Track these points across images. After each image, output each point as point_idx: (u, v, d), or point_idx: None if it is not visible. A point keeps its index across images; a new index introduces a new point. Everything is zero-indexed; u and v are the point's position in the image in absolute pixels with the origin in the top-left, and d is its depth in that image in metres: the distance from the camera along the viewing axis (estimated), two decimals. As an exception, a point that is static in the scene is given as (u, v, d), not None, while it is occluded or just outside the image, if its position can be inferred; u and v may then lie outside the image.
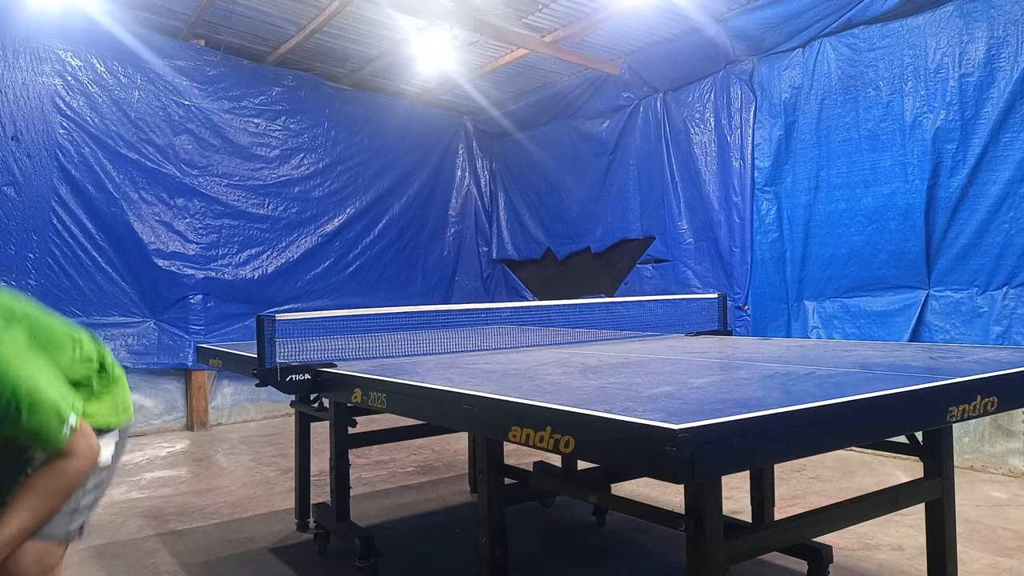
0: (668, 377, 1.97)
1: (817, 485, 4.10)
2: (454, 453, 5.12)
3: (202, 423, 6.40)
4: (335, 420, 3.05)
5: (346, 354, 2.89)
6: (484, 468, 2.18)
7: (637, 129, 6.78)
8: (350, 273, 7.50)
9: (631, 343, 3.30)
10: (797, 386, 1.75)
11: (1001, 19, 4.37)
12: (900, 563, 2.90)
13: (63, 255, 5.76)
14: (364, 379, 2.26)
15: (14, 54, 5.56)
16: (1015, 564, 2.87)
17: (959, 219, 4.62)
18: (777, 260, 5.62)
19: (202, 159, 6.48)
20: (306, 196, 7.16)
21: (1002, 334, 4.40)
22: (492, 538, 2.15)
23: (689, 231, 6.33)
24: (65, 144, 5.77)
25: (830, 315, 5.28)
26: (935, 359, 2.23)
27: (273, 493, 4.22)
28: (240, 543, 3.34)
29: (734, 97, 5.86)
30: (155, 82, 6.20)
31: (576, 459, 2.53)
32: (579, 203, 7.49)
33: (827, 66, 5.22)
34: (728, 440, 1.25)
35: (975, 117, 4.49)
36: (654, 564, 3.00)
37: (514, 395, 1.67)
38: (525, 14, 5.85)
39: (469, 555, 3.09)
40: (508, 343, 3.40)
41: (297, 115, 7.08)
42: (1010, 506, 3.65)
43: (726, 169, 5.93)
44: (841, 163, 5.17)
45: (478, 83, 7.41)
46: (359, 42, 6.54)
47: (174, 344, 6.21)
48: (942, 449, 2.20)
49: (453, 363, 2.59)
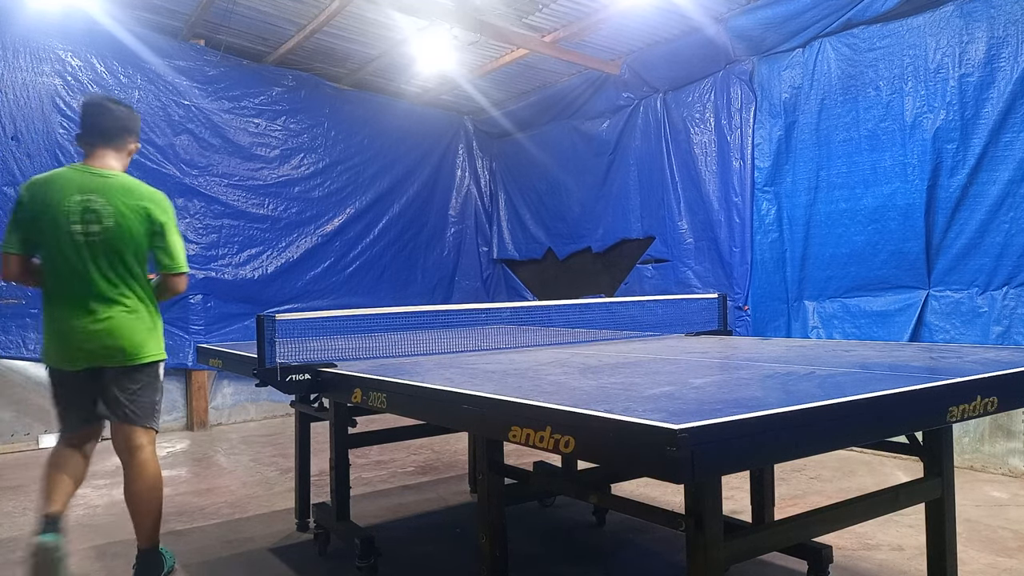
0: (668, 377, 1.97)
1: (817, 485, 4.10)
2: (454, 453, 5.12)
3: (202, 423, 6.40)
4: (335, 420, 3.05)
5: (346, 354, 2.89)
6: (484, 468, 2.18)
7: (637, 129, 6.78)
8: (350, 273, 7.50)
9: (631, 343, 3.30)
10: (797, 386, 1.75)
11: (1001, 19, 4.37)
12: (900, 563, 2.90)
13: (63, 255, 5.75)
14: (364, 379, 2.26)
15: (14, 54, 5.56)
16: (1015, 564, 2.87)
17: (959, 219, 4.62)
18: (777, 260, 5.62)
19: (202, 159, 6.48)
20: (306, 196, 7.16)
21: (1002, 334, 4.40)
22: (492, 538, 2.15)
23: (689, 231, 6.33)
24: (65, 144, 5.76)
25: (830, 315, 5.28)
26: (935, 359, 2.23)
27: (273, 493, 4.22)
28: (240, 543, 3.34)
29: (734, 97, 5.86)
30: (155, 82, 6.20)
31: (576, 459, 2.53)
32: (579, 203, 7.49)
33: (827, 66, 5.22)
34: (728, 440, 1.25)
35: (975, 117, 4.49)
36: (654, 564, 3.00)
37: (514, 395, 1.67)
38: (525, 14, 5.84)
39: (469, 555, 3.09)
40: (508, 343, 3.40)
41: (297, 115, 7.08)
42: (1010, 506, 3.66)
43: (726, 169, 5.93)
44: (841, 163, 5.17)
45: (478, 83, 7.41)
46: (359, 42, 6.54)
47: (174, 344, 6.21)
48: (942, 449, 2.20)
49: (453, 363, 2.59)
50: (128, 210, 2.76)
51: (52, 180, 2.75)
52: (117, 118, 2.88)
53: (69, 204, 2.70)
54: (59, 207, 2.69)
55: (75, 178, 2.75)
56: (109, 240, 2.73)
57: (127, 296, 2.79)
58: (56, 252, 2.71)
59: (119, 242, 2.75)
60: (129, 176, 2.88)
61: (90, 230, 2.71)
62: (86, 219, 2.71)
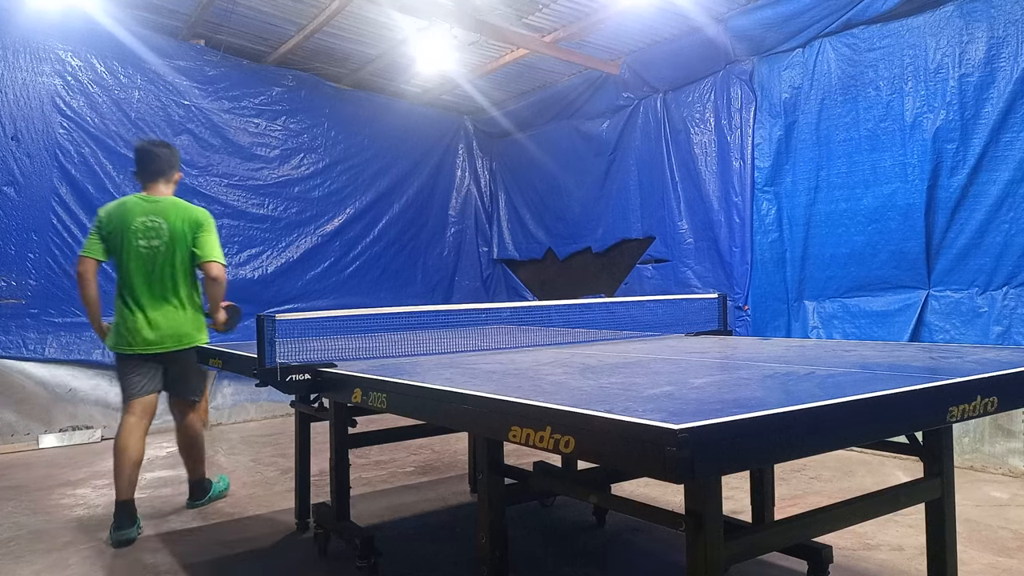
0: (668, 377, 1.97)
1: (817, 485, 4.10)
2: (454, 453, 5.12)
3: (202, 423, 6.39)
4: (335, 420, 3.04)
5: (346, 354, 2.89)
6: (484, 468, 2.18)
7: (637, 129, 6.78)
8: (350, 273, 7.50)
9: (631, 343, 3.30)
10: (797, 386, 1.75)
11: (1001, 19, 4.37)
12: (900, 563, 2.90)
13: (63, 255, 5.76)
14: (364, 379, 2.26)
15: (14, 54, 5.56)
16: (1015, 564, 2.87)
17: (959, 219, 4.62)
18: (777, 260, 5.62)
19: (202, 159, 6.48)
20: (306, 196, 7.16)
21: (1002, 334, 4.40)
22: (492, 538, 2.15)
23: (689, 231, 6.33)
24: (65, 144, 5.77)
25: (830, 315, 5.28)
26: (935, 359, 2.23)
27: (273, 493, 4.22)
28: (240, 543, 3.34)
29: (734, 97, 5.86)
30: (155, 82, 6.20)
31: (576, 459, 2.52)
32: (580, 203, 7.49)
33: (827, 66, 5.22)
34: (728, 440, 1.25)
35: (975, 117, 4.50)
36: (654, 564, 3.00)
37: (514, 395, 1.67)
38: (525, 14, 5.85)
39: (469, 555, 3.09)
40: (508, 343, 3.40)
41: (297, 115, 7.08)
42: (1010, 506, 3.66)
43: (726, 169, 5.94)
44: (841, 163, 5.17)
45: (478, 83, 7.41)
46: (359, 42, 6.54)
47: (174, 344, 6.21)
48: (942, 449, 2.20)
49: (453, 363, 2.59)
50: (179, 223, 3.60)
51: (122, 206, 3.61)
52: (162, 158, 3.73)
53: (135, 225, 3.55)
54: (128, 227, 3.54)
55: (139, 205, 3.61)
56: (165, 251, 3.57)
57: (177, 296, 3.63)
58: (127, 261, 3.55)
59: (172, 251, 3.58)
60: (177, 198, 3.72)
61: (151, 244, 3.56)
62: (148, 235, 3.56)
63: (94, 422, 5.92)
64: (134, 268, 3.53)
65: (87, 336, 5.86)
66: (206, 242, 3.64)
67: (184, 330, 3.62)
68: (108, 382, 6.01)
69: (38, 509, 3.94)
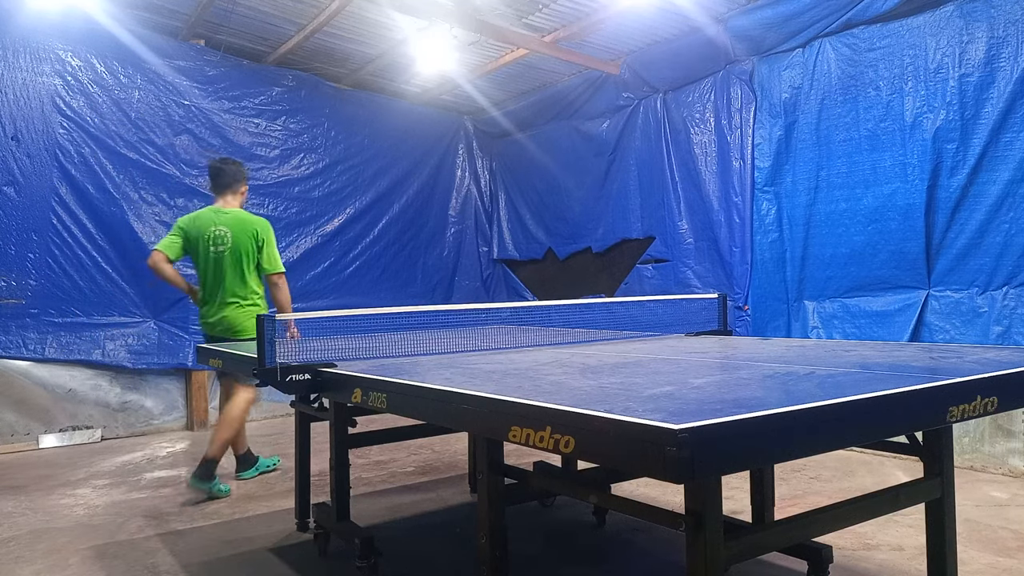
0: (668, 377, 1.97)
1: (817, 485, 4.10)
2: (454, 453, 5.12)
3: (202, 423, 6.40)
4: (335, 420, 3.05)
5: (346, 354, 2.89)
6: (484, 468, 2.18)
7: (637, 129, 6.78)
8: (350, 273, 7.50)
9: (631, 343, 3.30)
10: (797, 386, 1.75)
11: (1001, 19, 4.37)
12: (900, 563, 2.90)
13: (63, 255, 5.76)
14: (364, 379, 2.26)
15: (14, 54, 5.56)
16: (1015, 564, 2.87)
17: (959, 219, 4.62)
18: (777, 260, 5.62)
19: (202, 159, 6.47)
20: (306, 196, 7.16)
21: (1002, 334, 4.40)
22: (492, 538, 2.15)
23: (689, 231, 6.33)
24: (65, 144, 5.77)
25: (830, 315, 5.28)
26: (935, 359, 2.23)
27: (273, 493, 4.22)
28: (240, 543, 3.34)
29: (734, 97, 5.86)
30: (155, 82, 6.20)
31: (576, 459, 2.53)
32: (580, 203, 7.49)
33: (827, 66, 5.22)
34: (728, 440, 1.25)
35: (975, 117, 4.49)
36: (654, 564, 3.00)
37: (514, 395, 1.67)
38: (525, 14, 5.85)
39: (469, 555, 3.09)
40: (508, 343, 3.40)
41: (297, 115, 7.08)
42: (1010, 506, 3.66)
43: (726, 169, 5.93)
44: (841, 163, 5.17)
45: (478, 83, 7.41)
46: (359, 42, 6.54)
47: (174, 344, 6.22)
48: (942, 449, 2.20)
49: (453, 363, 2.59)
50: (242, 234, 4.25)
51: (199, 216, 4.30)
52: (230, 174, 4.35)
53: (208, 233, 4.22)
54: (203, 235, 4.22)
55: (212, 216, 4.28)
56: (231, 256, 4.22)
57: (241, 294, 4.26)
58: (202, 264, 4.26)
59: (237, 257, 4.23)
60: (243, 210, 4.40)
61: (219, 250, 4.22)
62: (216, 243, 4.22)
63: (94, 422, 5.92)
64: (205, 269, 4.24)
65: (87, 336, 5.86)
66: (269, 255, 4.31)
67: (244, 324, 4.22)
68: (108, 382, 6.01)
69: (38, 509, 3.94)
